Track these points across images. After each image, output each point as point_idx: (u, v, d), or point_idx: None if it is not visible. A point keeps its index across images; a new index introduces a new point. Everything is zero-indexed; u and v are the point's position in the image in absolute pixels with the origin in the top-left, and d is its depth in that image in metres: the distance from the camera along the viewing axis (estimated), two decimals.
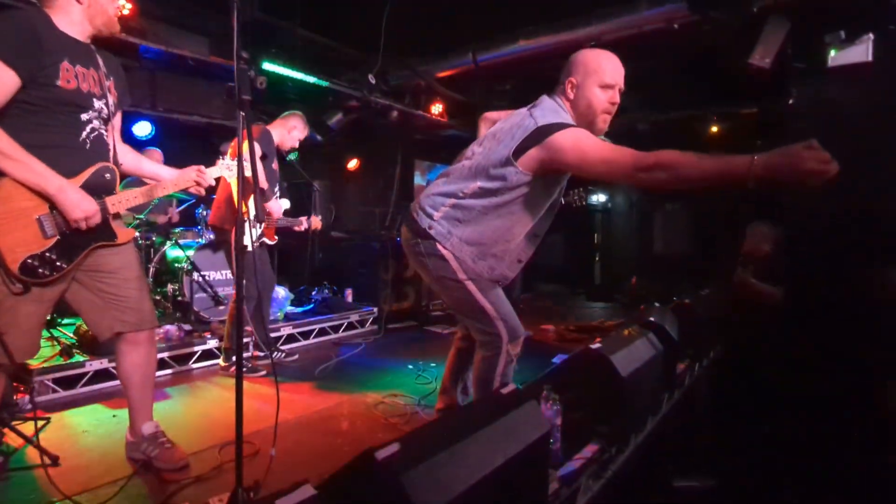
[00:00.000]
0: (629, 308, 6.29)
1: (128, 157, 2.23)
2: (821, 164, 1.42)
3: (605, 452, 1.95)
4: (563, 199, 2.35)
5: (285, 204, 3.94)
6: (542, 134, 1.94)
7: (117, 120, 2.16)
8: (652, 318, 2.70)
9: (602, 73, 2.07)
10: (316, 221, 4.37)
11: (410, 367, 3.86)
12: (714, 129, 6.91)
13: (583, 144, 1.88)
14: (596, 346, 2.11)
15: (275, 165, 3.75)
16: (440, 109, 6.57)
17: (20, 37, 1.71)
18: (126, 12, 3.99)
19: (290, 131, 3.84)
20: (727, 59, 4.65)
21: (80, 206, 1.81)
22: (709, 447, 2.74)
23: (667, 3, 4.05)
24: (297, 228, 4.28)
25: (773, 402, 2.97)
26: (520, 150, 1.97)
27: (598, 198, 8.43)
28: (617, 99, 2.10)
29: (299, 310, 5.30)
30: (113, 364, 3.25)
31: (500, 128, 2.13)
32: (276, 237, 3.95)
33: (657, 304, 3.12)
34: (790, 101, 3.56)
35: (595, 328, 5.10)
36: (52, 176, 1.76)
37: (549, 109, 2.06)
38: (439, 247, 2.13)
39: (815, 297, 3.19)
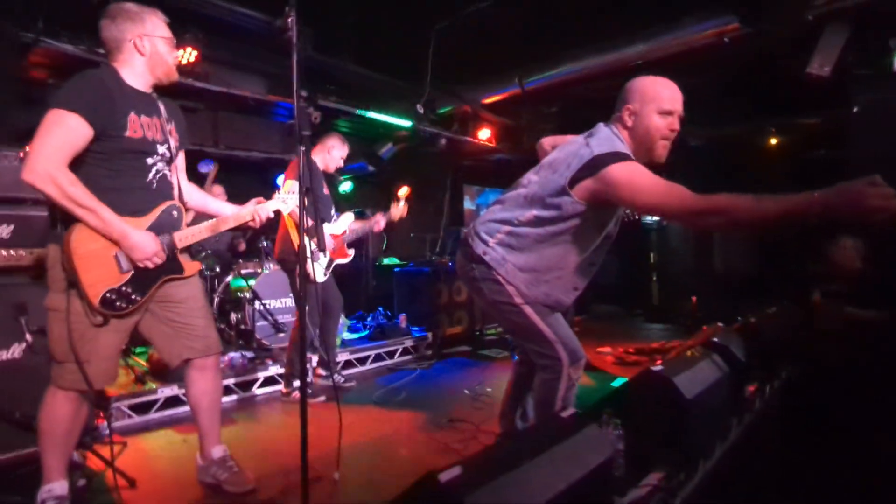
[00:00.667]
0: (690, 329, 6.04)
1: (194, 196, 2.40)
2: (885, 200, 1.39)
3: (671, 479, 1.88)
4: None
5: (349, 218, 3.99)
6: (597, 165, 1.92)
7: (181, 160, 2.32)
8: (716, 339, 2.61)
9: (661, 100, 2.06)
10: (395, 211, 4.19)
11: (466, 391, 3.85)
12: (773, 141, 6.67)
13: (637, 180, 1.86)
14: (658, 368, 2.06)
15: (325, 191, 3.85)
16: (488, 134, 6.65)
17: (97, 95, 1.88)
18: (192, 59, 4.31)
19: (329, 151, 3.85)
20: (783, 69, 4.52)
21: (142, 247, 1.94)
22: (782, 474, 2.59)
23: (715, 18, 3.99)
24: (377, 229, 4.15)
25: (861, 425, 2.78)
26: (575, 180, 1.96)
27: (653, 217, 8.24)
28: (677, 126, 2.07)
29: (355, 336, 5.40)
30: (182, 391, 3.40)
31: (556, 157, 2.13)
32: (351, 251, 4.01)
33: (721, 325, 2.99)
34: (854, 109, 3.41)
35: (655, 350, 4.94)
36: (116, 222, 1.89)
37: (605, 138, 2.05)
38: (494, 272, 2.14)
39: None
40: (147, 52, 2.05)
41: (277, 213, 2.47)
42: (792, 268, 5.18)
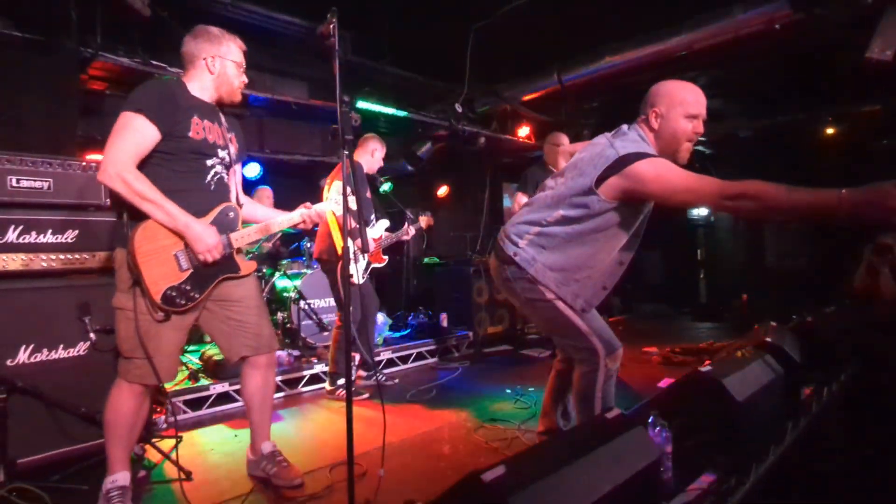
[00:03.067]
0: (740, 328, 5.83)
1: (246, 206, 2.48)
2: None
3: (723, 483, 1.83)
4: None
5: (384, 224, 4.07)
6: (623, 163, 1.97)
7: (239, 170, 2.42)
8: (768, 339, 2.51)
9: (687, 104, 2.08)
10: (424, 221, 4.31)
11: (508, 391, 3.84)
12: (830, 130, 6.36)
13: (666, 173, 1.92)
14: (706, 368, 2.00)
15: (368, 193, 3.91)
16: (527, 132, 6.61)
17: (162, 99, 2.01)
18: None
19: (372, 154, 3.94)
20: (839, 55, 4.32)
21: (204, 239, 2.03)
22: (842, 480, 2.47)
23: (765, 4, 3.83)
24: (405, 238, 4.28)
25: None
26: (601, 179, 2.01)
27: (700, 212, 7.99)
28: (701, 129, 2.11)
29: (397, 335, 5.47)
30: (234, 387, 3.53)
31: (581, 158, 2.17)
32: (385, 257, 4.08)
33: (773, 324, 2.88)
34: None
35: (703, 350, 4.79)
36: (180, 214, 2.00)
37: (630, 140, 2.07)
38: (525, 272, 2.18)
39: None
40: (216, 72, 2.18)
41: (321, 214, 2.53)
42: (851, 263, 4.93)
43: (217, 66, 2.18)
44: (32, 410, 2.29)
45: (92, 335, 2.46)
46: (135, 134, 1.95)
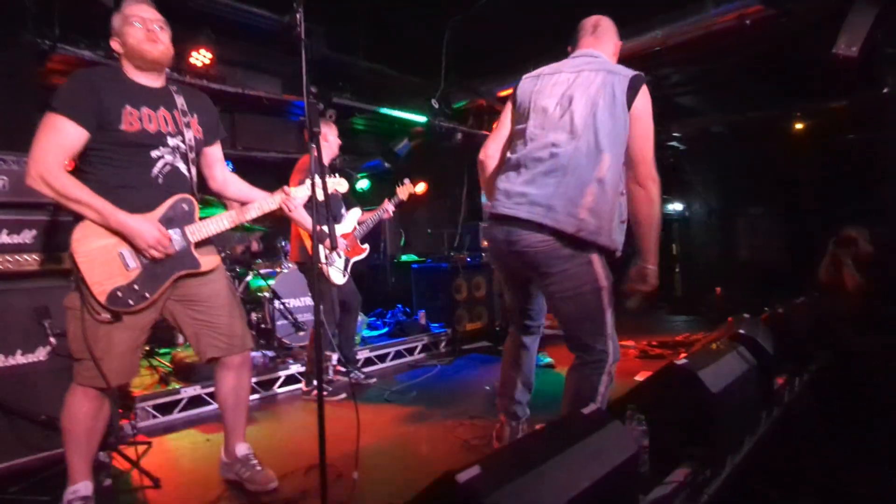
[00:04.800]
0: (715, 321, 5.91)
1: (228, 185, 2.37)
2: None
3: (698, 475, 1.83)
4: None
5: (356, 214, 3.96)
6: (639, 83, 2.00)
7: (215, 151, 2.31)
8: (742, 331, 2.53)
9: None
10: (403, 190, 4.13)
11: (487, 388, 3.82)
12: (799, 125, 6.48)
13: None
14: (681, 361, 2.00)
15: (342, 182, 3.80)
16: None
17: (81, 94, 1.88)
18: (207, 61, 4.34)
19: (326, 139, 3.76)
20: (807, 51, 4.39)
21: (143, 234, 1.91)
22: (815, 467, 2.51)
23: (736, 0, 3.87)
24: (385, 217, 4.10)
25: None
26: (629, 102, 1.99)
27: (675, 206, 8.09)
28: None
29: (374, 333, 5.41)
30: (205, 391, 3.44)
31: (575, 91, 2.06)
32: (365, 246, 3.97)
33: (746, 316, 2.91)
34: (885, 90, 3.28)
35: (679, 343, 4.85)
36: (113, 212, 1.88)
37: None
38: (586, 254, 1.99)
39: None
40: (123, 49, 2.02)
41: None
42: (820, 256, 5.04)
43: (119, 43, 2.02)
44: None
45: (52, 339, 2.36)
46: (54, 134, 1.84)
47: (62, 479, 2.03)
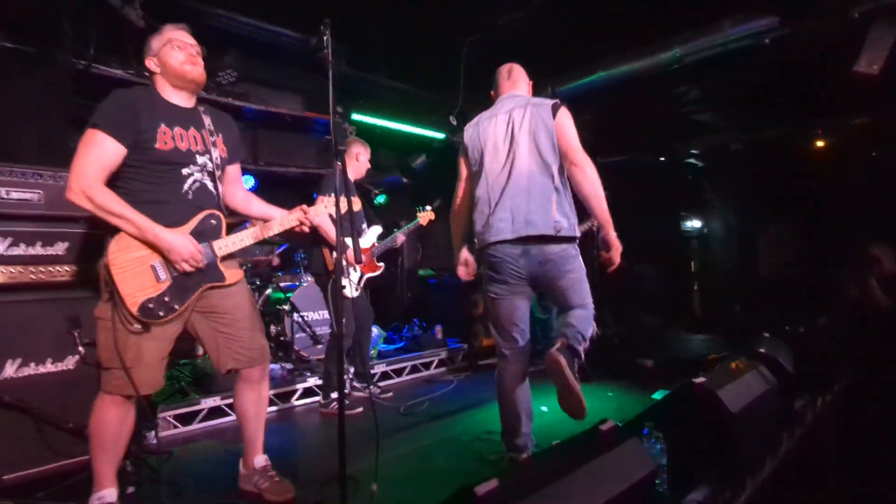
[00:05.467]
0: (734, 340, 5.84)
1: (251, 204, 2.45)
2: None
3: (718, 496, 1.82)
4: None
5: (376, 231, 4.01)
6: (558, 105, 2.50)
7: (235, 170, 2.39)
8: (762, 350, 2.51)
9: None
10: (424, 216, 4.19)
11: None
12: (820, 143, 6.42)
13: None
14: (700, 380, 2.00)
15: (358, 203, 3.86)
16: None
17: (121, 111, 1.99)
18: (232, 79, 4.46)
19: (357, 158, 3.85)
20: (828, 69, 4.37)
21: (177, 248, 2.00)
22: (838, 490, 2.46)
23: (754, 19, 3.88)
24: (397, 244, 4.16)
25: None
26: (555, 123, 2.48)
27: (693, 223, 8.02)
28: None
29: (391, 347, 5.43)
30: (225, 402, 3.49)
31: (517, 120, 2.52)
32: (381, 264, 4.01)
33: (767, 335, 2.88)
34: None
35: (697, 361, 4.78)
36: (150, 226, 1.96)
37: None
38: (569, 244, 2.45)
39: None
40: (159, 69, 2.14)
41: (313, 227, 2.50)
42: (844, 275, 4.96)
43: (157, 63, 2.13)
44: (19, 425, 2.26)
45: (81, 348, 2.43)
46: (95, 149, 1.93)
47: (87, 486, 2.08)
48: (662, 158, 7.65)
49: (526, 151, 2.44)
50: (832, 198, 6.33)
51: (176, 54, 2.12)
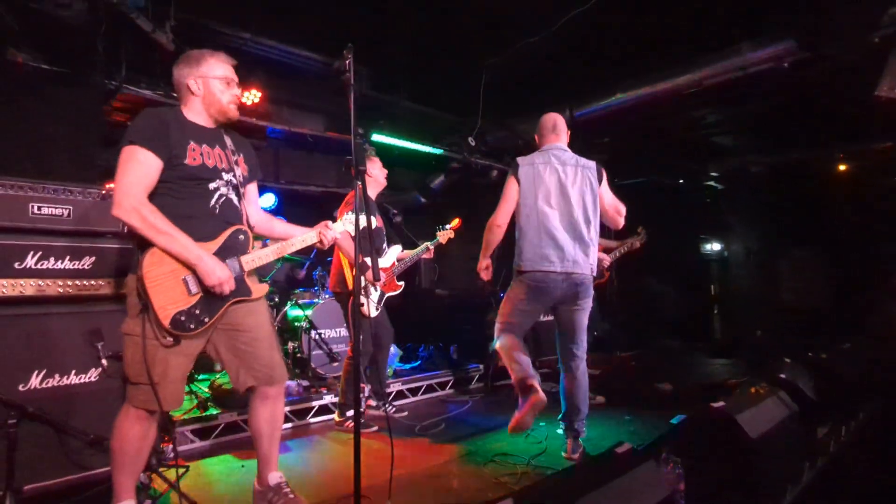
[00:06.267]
0: (755, 365, 5.73)
1: (274, 225, 2.53)
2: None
3: None
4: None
5: (396, 250, 4.03)
6: (600, 170, 3.16)
7: (252, 190, 2.45)
8: (783, 376, 2.47)
9: None
10: (444, 235, 4.20)
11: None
12: (841, 167, 6.36)
13: None
14: (719, 405, 1.97)
15: (379, 222, 3.90)
16: None
17: (156, 128, 2.06)
18: (256, 100, 4.58)
19: (369, 174, 3.83)
20: (848, 93, 4.35)
21: (215, 273, 2.05)
22: None
23: (772, 44, 3.89)
24: (426, 256, 4.19)
25: None
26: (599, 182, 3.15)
27: (713, 246, 7.94)
28: None
29: (406, 366, 5.43)
30: (242, 417, 3.51)
31: (568, 176, 3.08)
32: (401, 283, 4.02)
33: (788, 360, 2.83)
34: None
35: (716, 386, 4.70)
36: (193, 247, 2.03)
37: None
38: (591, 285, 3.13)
39: None
40: (200, 93, 2.20)
41: (332, 246, 2.55)
42: (869, 300, 4.87)
43: (200, 87, 2.19)
44: (41, 436, 2.30)
45: (104, 361, 2.47)
46: (140, 166, 1.99)
47: (106, 498, 2.10)
48: (681, 181, 7.63)
49: (575, 204, 3.04)
50: (854, 222, 6.24)
51: (225, 92, 2.21)
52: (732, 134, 6.53)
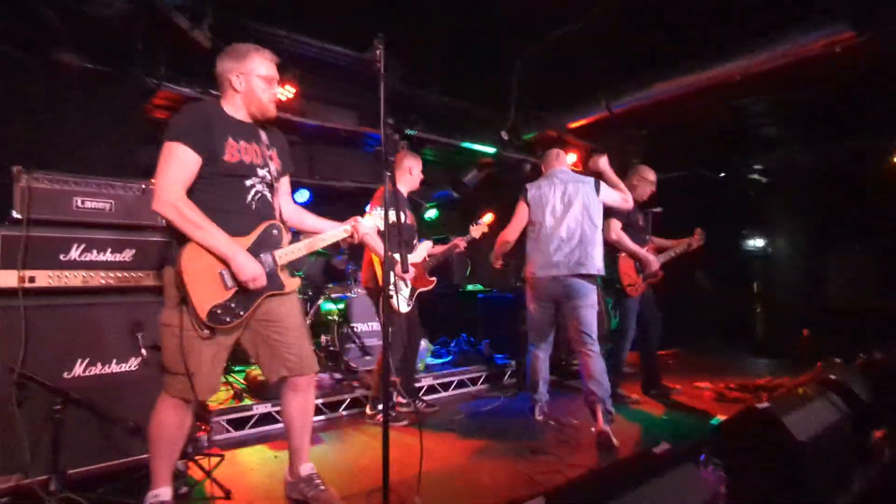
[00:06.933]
0: (801, 365, 5.48)
1: (304, 217, 2.55)
2: None
3: None
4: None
5: (426, 246, 3.99)
6: (598, 183, 3.60)
7: (285, 183, 2.47)
8: (833, 376, 2.35)
9: None
10: (477, 229, 4.12)
11: (552, 423, 3.73)
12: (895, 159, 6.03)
13: None
14: (763, 405, 1.88)
15: (410, 219, 3.89)
16: (574, 159, 6.51)
17: (196, 124, 2.09)
18: (290, 96, 4.62)
19: (410, 172, 3.82)
20: None
21: (248, 268, 2.08)
22: None
23: (825, 27, 3.69)
24: (459, 251, 4.14)
25: None
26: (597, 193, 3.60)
27: (756, 242, 7.65)
28: None
29: (438, 361, 5.42)
30: (276, 408, 3.56)
31: (569, 196, 3.57)
32: (433, 278, 4.00)
33: (838, 361, 2.70)
34: None
35: (760, 386, 4.52)
36: (229, 243, 2.06)
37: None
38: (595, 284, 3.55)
39: None
40: (242, 89, 2.21)
41: (361, 243, 2.55)
42: None
43: (242, 83, 2.20)
44: (84, 422, 2.37)
45: (143, 351, 2.54)
46: (178, 162, 2.03)
47: (144, 484, 2.16)
48: (723, 174, 7.37)
49: (579, 213, 3.50)
50: None
51: (266, 91, 2.23)
52: (778, 125, 6.26)
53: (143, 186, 2.69)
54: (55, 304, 2.38)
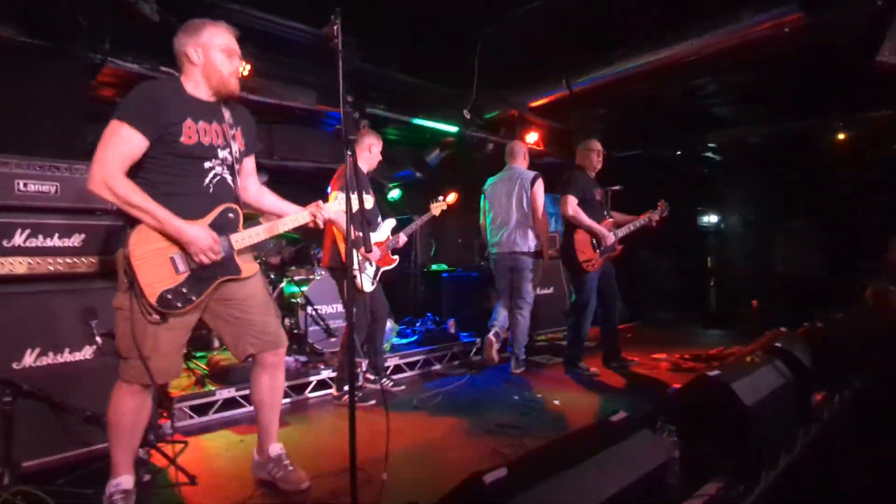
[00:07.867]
0: (750, 335, 5.75)
1: (264, 198, 2.48)
2: None
3: (731, 490, 1.80)
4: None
5: (390, 224, 4.01)
6: (535, 178, 4.54)
7: (249, 163, 2.40)
8: (778, 345, 2.48)
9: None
10: (437, 207, 4.30)
11: (516, 397, 3.81)
12: (841, 136, 6.30)
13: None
14: (714, 373, 1.97)
15: (371, 196, 3.87)
16: (536, 138, 6.57)
17: (148, 105, 1.98)
18: (245, 73, 4.48)
19: (369, 150, 3.76)
20: (849, 59, 4.28)
21: (197, 241, 2.01)
22: (853, 489, 2.42)
23: (773, 8, 3.81)
24: (418, 227, 4.26)
25: None
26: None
27: (710, 218, 7.92)
28: None
29: (404, 341, 5.45)
30: (240, 393, 3.52)
31: (510, 190, 4.59)
32: (395, 257, 4.02)
33: (783, 329, 2.84)
34: None
35: (713, 356, 4.73)
36: (171, 219, 1.97)
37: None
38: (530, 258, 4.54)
39: None
40: (200, 62, 2.11)
41: (326, 222, 2.51)
42: (861, 269, 4.87)
43: (200, 56, 2.10)
44: (38, 413, 2.30)
45: (98, 339, 2.46)
46: (120, 142, 1.93)
47: (105, 473, 2.12)
48: (679, 152, 7.57)
49: (514, 204, 4.53)
50: (852, 193, 6.22)
51: (225, 63, 2.13)
52: (731, 104, 6.46)
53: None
54: (0, 293, 2.28)
